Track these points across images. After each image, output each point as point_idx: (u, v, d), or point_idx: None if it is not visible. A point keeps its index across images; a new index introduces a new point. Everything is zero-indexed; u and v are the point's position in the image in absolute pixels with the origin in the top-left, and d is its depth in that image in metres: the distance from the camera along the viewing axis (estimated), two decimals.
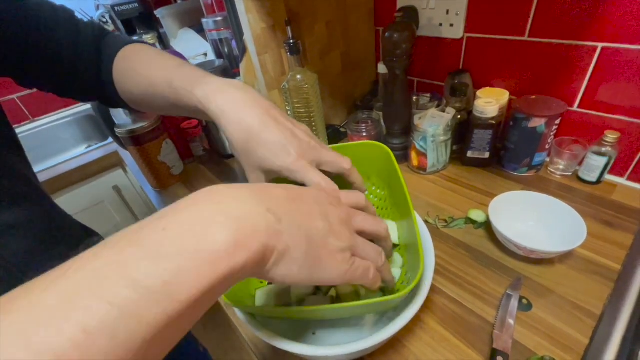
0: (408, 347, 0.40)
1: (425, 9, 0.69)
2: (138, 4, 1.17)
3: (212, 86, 0.33)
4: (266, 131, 0.31)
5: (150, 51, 0.43)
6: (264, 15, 0.61)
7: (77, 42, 0.42)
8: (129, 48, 0.43)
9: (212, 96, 0.32)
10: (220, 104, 0.32)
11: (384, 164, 0.43)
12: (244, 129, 0.31)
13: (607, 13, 0.49)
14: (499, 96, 0.62)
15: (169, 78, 0.36)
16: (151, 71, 0.39)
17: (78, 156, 1.08)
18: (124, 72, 0.42)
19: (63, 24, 0.41)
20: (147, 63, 0.40)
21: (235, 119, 0.31)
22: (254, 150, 0.32)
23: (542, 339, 0.38)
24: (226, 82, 0.34)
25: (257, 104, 0.32)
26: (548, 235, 0.48)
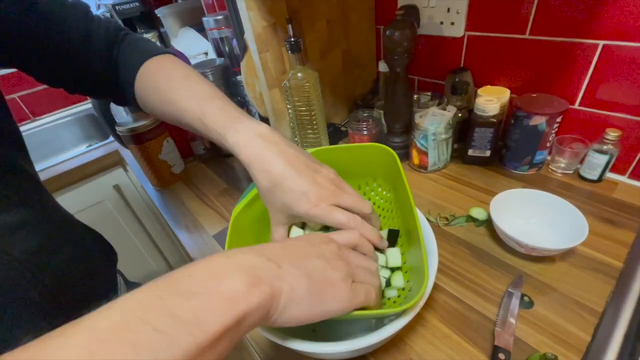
0: (410, 344, 0.40)
1: (426, 7, 0.69)
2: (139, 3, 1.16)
3: (243, 135, 0.35)
4: (287, 180, 0.34)
5: (179, 70, 0.43)
6: (264, 13, 0.61)
7: (88, 41, 0.42)
8: (154, 62, 0.43)
9: (242, 146, 0.35)
10: (249, 154, 0.35)
11: (390, 166, 0.43)
12: (268, 177, 0.34)
13: (608, 10, 0.49)
14: (499, 94, 0.61)
15: (199, 113, 0.38)
16: (181, 99, 0.39)
17: (78, 155, 1.08)
18: (149, 91, 0.43)
19: (73, 22, 0.41)
20: (175, 87, 0.41)
21: (261, 168, 0.34)
22: (278, 197, 0.35)
23: (544, 336, 0.38)
24: (256, 130, 0.36)
25: (281, 155, 0.35)
26: (549, 232, 0.48)
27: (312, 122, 0.68)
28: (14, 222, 0.35)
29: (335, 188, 0.36)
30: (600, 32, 0.51)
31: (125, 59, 0.44)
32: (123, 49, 0.44)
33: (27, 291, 0.35)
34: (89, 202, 1.09)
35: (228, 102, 0.39)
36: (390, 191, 0.46)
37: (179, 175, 0.80)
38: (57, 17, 0.39)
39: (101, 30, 0.43)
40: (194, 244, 0.62)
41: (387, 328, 0.31)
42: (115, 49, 0.44)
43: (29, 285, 0.35)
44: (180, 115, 0.39)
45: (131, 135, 0.70)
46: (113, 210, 1.15)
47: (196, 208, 0.71)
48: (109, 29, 0.44)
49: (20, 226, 0.35)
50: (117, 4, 1.15)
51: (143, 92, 0.43)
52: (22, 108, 1.33)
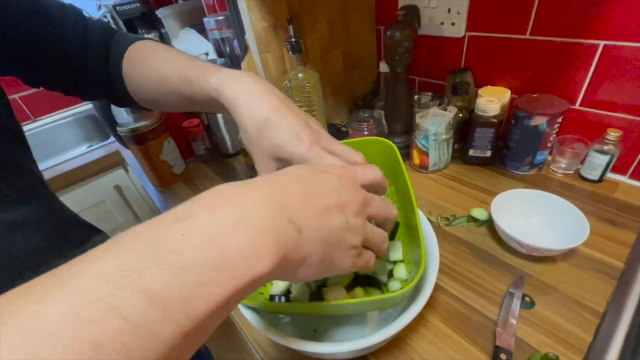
0: (411, 344, 0.40)
1: (427, 8, 0.69)
2: (139, 4, 1.17)
3: (227, 74, 0.33)
4: (280, 118, 0.31)
5: (161, 46, 0.43)
6: (265, 14, 0.61)
7: (85, 40, 0.42)
8: (138, 44, 0.43)
9: (226, 83, 0.32)
10: (235, 89, 0.32)
11: (390, 159, 0.43)
12: (258, 115, 0.31)
13: (608, 11, 0.49)
14: (500, 94, 0.62)
15: (181, 70, 0.36)
16: (163, 64, 0.39)
17: (79, 155, 1.08)
18: (134, 67, 0.42)
19: (71, 22, 0.41)
20: (158, 57, 0.40)
21: (249, 104, 0.32)
22: (267, 137, 0.31)
23: (545, 336, 0.38)
24: (240, 71, 0.34)
25: (271, 92, 0.32)
26: (550, 233, 0.48)
27: None
28: (14, 221, 0.34)
29: (326, 133, 0.34)
30: (600, 32, 0.51)
31: (114, 50, 0.44)
32: (113, 45, 0.44)
33: None
34: (90, 202, 1.09)
35: (209, 62, 0.38)
36: (391, 184, 0.46)
37: (180, 175, 0.80)
38: (55, 19, 0.39)
39: (96, 30, 0.43)
40: None
41: (388, 328, 0.31)
42: (109, 46, 0.44)
43: None
44: (164, 82, 0.38)
45: (132, 136, 0.70)
46: (114, 210, 1.15)
47: None
48: (103, 29, 0.44)
49: (21, 225, 0.35)
50: (117, 5, 1.15)
51: (129, 71, 0.43)
52: (23, 109, 1.33)
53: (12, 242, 0.34)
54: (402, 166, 0.39)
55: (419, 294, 0.34)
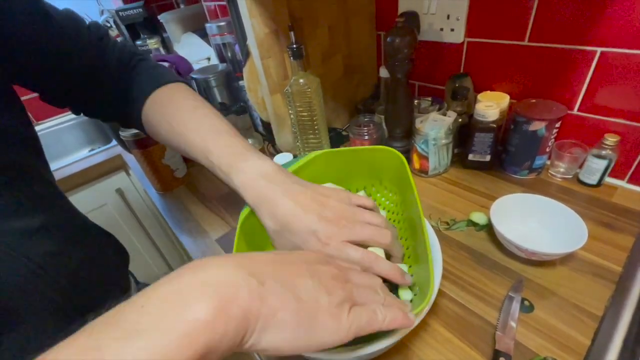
0: (412, 349, 0.40)
1: (426, 14, 0.70)
2: (142, 9, 1.18)
3: (248, 176, 0.35)
4: (295, 221, 0.33)
5: (187, 101, 0.43)
6: (267, 20, 0.62)
7: (99, 65, 0.42)
8: (164, 90, 0.44)
9: (247, 188, 0.35)
10: (255, 197, 0.35)
11: (397, 169, 0.43)
12: (276, 220, 0.34)
13: (606, 18, 0.50)
14: (499, 100, 0.62)
15: (205, 149, 0.38)
16: (187, 132, 0.40)
17: (81, 159, 1.09)
18: (156, 120, 0.43)
19: (86, 47, 0.41)
20: (183, 119, 0.41)
21: (268, 211, 0.34)
22: (286, 239, 0.34)
23: (544, 340, 0.39)
24: (260, 169, 0.36)
25: (287, 194, 0.34)
26: (549, 237, 0.49)
27: (313, 127, 0.68)
28: (30, 227, 0.35)
29: (346, 222, 0.34)
30: (598, 39, 0.52)
31: (137, 85, 0.44)
32: (136, 74, 0.45)
33: (45, 292, 0.35)
34: (92, 205, 1.09)
35: (234, 137, 0.39)
36: (397, 194, 0.47)
37: (182, 179, 0.80)
38: (70, 37, 0.40)
39: (115, 52, 0.43)
40: (197, 248, 0.63)
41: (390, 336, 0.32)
42: (127, 73, 0.45)
43: (46, 286, 0.35)
44: (186, 148, 0.40)
45: (134, 140, 0.71)
46: (116, 214, 1.15)
47: (199, 212, 0.71)
48: (124, 52, 0.44)
49: (36, 231, 0.36)
50: (120, 10, 1.16)
51: (151, 120, 0.44)
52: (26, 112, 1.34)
53: (29, 247, 0.34)
54: (410, 177, 0.39)
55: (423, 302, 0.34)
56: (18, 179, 0.35)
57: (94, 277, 0.43)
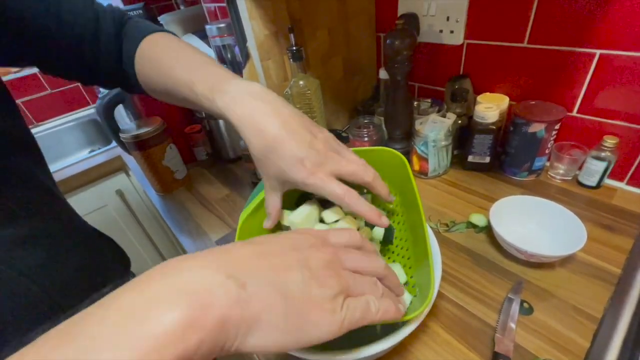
0: (411, 350, 0.40)
1: (426, 16, 0.70)
2: (142, 10, 1.18)
3: (233, 95, 0.33)
4: (282, 143, 0.31)
5: (173, 43, 0.42)
6: (267, 22, 0.62)
7: (97, 30, 0.41)
8: (150, 39, 0.43)
9: (232, 107, 0.33)
10: (240, 115, 0.33)
11: (397, 171, 0.43)
12: (263, 140, 0.32)
13: (605, 20, 0.50)
14: (499, 101, 0.62)
15: (191, 81, 0.36)
16: (173, 70, 0.38)
17: (81, 160, 1.09)
18: (146, 67, 0.42)
19: (83, 13, 0.40)
20: (168, 59, 0.40)
21: (254, 130, 0.32)
22: (272, 162, 0.32)
23: (544, 342, 0.39)
24: (246, 89, 0.34)
25: (275, 114, 0.32)
26: (549, 239, 0.49)
27: None
28: (19, 236, 0.34)
29: (333, 154, 0.34)
30: (597, 41, 0.52)
31: (128, 38, 0.43)
32: (125, 32, 0.44)
33: (37, 306, 0.33)
34: (92, 207, 1.09)
35: (219, 67, 0.37)
36: (397, 195, 0.47)
37: (182, 181, 0.81)
38: (66, 7, 0.39)
39: (107, 17, 0.42)
40: (197, 250, 0.63)
41: (389, 338, 0.32)
42: (122, 33, 0.44)
43: (37, 300, 0.34)
44: (174, 87, 0.38)
45: (134, 142, 0.71)
46: (116, 215, 1.15)
47: (199, 214, 0.71)
48: (115, 16, 0.44)
49: (27, 240, 0.34)
50: None
51: (142, 69, 0.42)
52: (25, 113, 1.34)
53: (19, 257, 0.33)
54: (411, 179, 0.39)
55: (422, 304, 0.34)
56: (8, 185, 0.34)
57: (91, 284, 0.41)
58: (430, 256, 0.33)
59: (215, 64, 0.39)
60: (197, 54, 0.40)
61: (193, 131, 0.84)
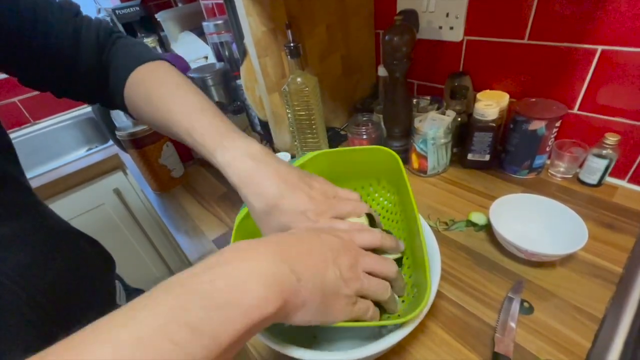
0: (409, 350, 0.40)
1: (425, 12, 0.69)
2: (139, 8, 1.17)
3: (233, 154, 0.34)
4: (284, 201, 0.33)
5: (168, 79, 0.41)
6: (264, 18, 0.61)
7: (76, 45, 0.40)
8: (144, 69, 0.42)
9: (232, 166, 0.34)
10: (240, 175, 0.34)
11: (393, 169, 0.43)
12: (263, 200, 0.33)
13: (606, 16, 0.49)
14: (499, 99, 0.62)
15: (189, 128, 0.36)
16: (170, 112, 0.38)
17: (79, 159, 1.08)
18: (138, 100, 0.41)
19: (61, 24, 0.39)
20: (166, 96, 0.39)
21: (254, 190, 0.33)
22: (274, 218, 0.34)
23: (544, 342, 0.38)
24: (246, 148, 0.35)
25: (274, 174, 0.34)
26: (549, 238, 0.48)
27: (311, 127, 0.68)
28: (2, 238, 0.33)
29: (331, 200, 0.36)
30: (598, 37, 0.51)
31: (117, 64, 0.42)
32: (114, 53, 0.43)
33: (20, 309, 0.33)
34: (89, 206, 1.09)
35: (218, 116, 0.37)
36: (395, 194, 0.46)
37: (179, 179, 0.80)
38: (42, 17, 0.38)
39: (91, 32, 0.41)
40: (193, 248, 0.62)
41: (387, 338, 0.31)
42: (105, 53, 0.43)
43: (21, 303, 0.33)
44: (169, 126, 0.38)
45: (131, 140, 0.70)
46: (113, 214, 1.15)
47: (196, 212, 0.71)
48: (100, 31, 0.42)
49: (9, 241, 0.34)
50: (117, 9, 1.15)
51: (133, 99, 0.42)
52: (22, 112, 1.33)
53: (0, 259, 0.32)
54: (404, 177, 0.39)
55: None
56: None
57: (74, 288, 0.41)
58: (426, 256, 0.32)
59: (213, 109, 0.38)
60: (196, 94, 0.40)
61: None
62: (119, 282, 0.54)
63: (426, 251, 0.33)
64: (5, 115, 1.29)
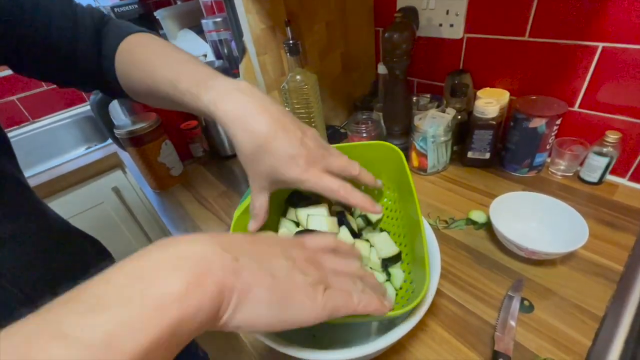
0: (409, 349, 0.39)
1: (425, 9, 0.69)
2: (138, 5, 1.17)
3: (219, 90, 0.32)
4: (274, 141, 0.30)
5: (154, 44, 0.40)
6: (263, 16, 0.61)
7: (75, 30, 0.40)
8: (131, 39, 0.41)
9: (219, 102, 0.31)
10: (228, 110, 0.31)
11: (395, 165, 0.42)
12: (252, 137, 0.31)
13: (607, 13, 0.49)
14: (499, 96, 0.61)
15: (173, 78, 0.35)
16: (155, 69, 0.37)
17: (78, 157, 1.08)
18: (127, 67, 0.40)
19: (59, 11, 0.39)
20: (150, 59, 0.38)
21: (242, 127, 0.31)
22: (262, 160, 0.31)
23: (544, 340, 0.38)
24: (233, 85, 0.33)
25: (265, 111, 0.31)
26: (549, 236, 0.48)
27: (311, 125, 0.67)
28: (1, 237, 0.33)
29: (323, 150, 0.34)
30: (599, 34, 0.51)
31: (107, 40, 0.42)
32: (106, 33, 0.42)
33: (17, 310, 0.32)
34: (88, 204, 1.08)
35: (202, 64, 0.36)
36: (395, 190, 0.46)
37: (178, 177, 0.79)
38: (43, 6, 0.37)
39: (86, 17, 0.41)
40: None
41: (388, 336, 0.31)
42: (100, 35, 0.42)
43: (17, 303, 0.33)
44: (157, 86, 0.37)
45: (129, 138, 0.70)
46: (112, 212, 1.14)
47: (195, 211, 0.71)
48: (94, 16, 0.42)
49: (8, 241, 0.33)
50: (116, 6, 1.15)
51: (123, 69, 0.41)
52: (21, 110, 1.33)
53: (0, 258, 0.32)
54: (407, 172, 0.39)
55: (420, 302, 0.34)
56: None
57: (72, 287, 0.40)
58: (426, 252, 0.32)
59: (199, 62, 0.37)
60: (180, 52, 0.39)
61: (189, 127, 0.83)
62: None
63: (426, 245, 0.33)
64: (4, 114, 1.29)
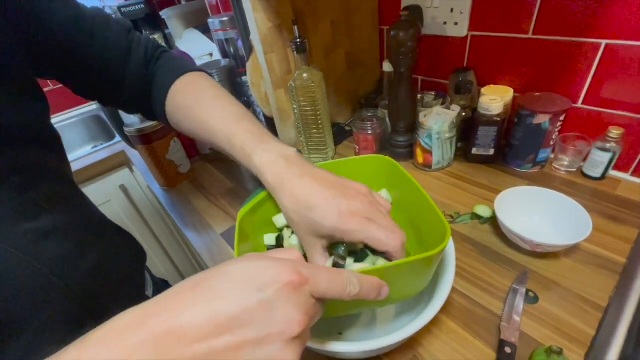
0: (417, 339, 0.41)
1: (430, 8, 0.70)
2: (144, 5, 1.18)
3: (268, 156, 0.36)
4: (315, 196, 0.32)
5: (209, 90, 0.44)
6: (270, 14, 0.62)
7: (127, 59, 0.44)
8: (185, 79, 0.45)
9: (267, 168, 0.35)
10: (274, 175, 0.35)
11: (392, 173, 0.42)
12: (295, 199, 0.33)
13: (610, 10, 0.50)
14: (503, 93, 0.62)
15: (228, 133, 0.39)
16: (210, 119, 0.41)
17: (85, 156, 1.10)
18: (179, 109, 0.44)
19: (115, 39, 0.42)
20: (205, 107, 0.42)
21: (287, 191, 0.34)
22: (305, 216, 0.32)
23: (549, 330, 0.39)
24: (281, 151, 0.36)
25: (307, 174, 0.34)
26: (553, 229, 0.49)
27: (317, 122, 0.68)
28: (44, 229, 0.34)
29: (370, 206, 0.32)
30: (602, 31, 0.52)
31: (160, 76, 0.46)
32: (159, 66, 0.46)
33: (56, 298, 0.34)
34: (96, 202, 1.07)
35: (256, 123, 0.40)
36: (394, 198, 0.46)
37: (185, 175, 0.81)
38: (99, 33, 0.41)
39: (141, 48, 0.45)
40: (202, 242, 0.63)
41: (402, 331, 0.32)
42: (151, 66, 0.46)
43: (57, 292, 0.34)
44: (209, 135, 0.41)
45: (139, 136, 0.71)
46: (119, 210, 1.16)
47: (203, 207, 0.72)
48: (148, 47, 0.46)
49: (51, 232, 0.35)
50: (122, 6, 1.16)
51: (173, 109, 0.45)
52: None
53: (41, 250, 0.33)
54: (408, 177, 0.39)
55: (435, 297, 0.35)
56: (36, 179, 0.34)
57: (107, 279, 0.42)
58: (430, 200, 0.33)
59: (250, 118, 0.41)
60: (232, 105, 0.42)
61: None
62: (147, 272, 0.56)
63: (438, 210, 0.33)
64: None
